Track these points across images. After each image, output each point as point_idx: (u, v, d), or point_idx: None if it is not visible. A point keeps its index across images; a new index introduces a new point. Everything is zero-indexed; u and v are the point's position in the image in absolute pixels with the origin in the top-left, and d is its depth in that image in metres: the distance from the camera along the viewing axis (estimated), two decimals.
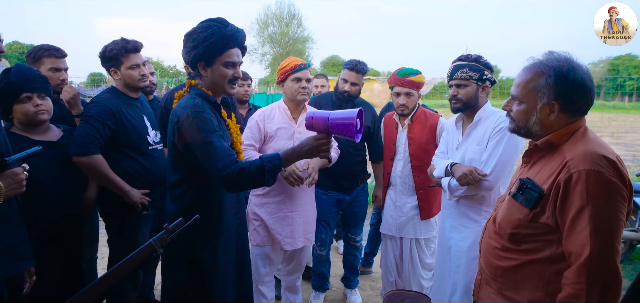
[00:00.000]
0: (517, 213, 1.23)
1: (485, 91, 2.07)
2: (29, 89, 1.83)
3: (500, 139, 1.90)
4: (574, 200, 1.09)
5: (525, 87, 1.25)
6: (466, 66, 2.03)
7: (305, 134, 2.48)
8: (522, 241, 1.22)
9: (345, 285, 3.11)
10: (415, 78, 2.58)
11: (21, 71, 1.85)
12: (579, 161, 1.11)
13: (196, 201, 1.63)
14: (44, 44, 2.28)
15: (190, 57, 1.62)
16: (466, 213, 1.98)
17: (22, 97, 1.82)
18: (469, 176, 1.89)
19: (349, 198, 2.83)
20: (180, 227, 1.29)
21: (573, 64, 1.20)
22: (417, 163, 2.60)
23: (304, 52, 35.35)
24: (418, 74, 2.61)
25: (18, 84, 1.81)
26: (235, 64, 1.68)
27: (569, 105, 1.20)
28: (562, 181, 1.12)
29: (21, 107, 1.83)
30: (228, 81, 1.66)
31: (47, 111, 1.90)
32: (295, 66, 2.41)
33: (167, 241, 1.25)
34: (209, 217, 1.64)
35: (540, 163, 1.26)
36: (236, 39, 1.65)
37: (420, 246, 2.69)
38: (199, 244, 1.64)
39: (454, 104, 2.07)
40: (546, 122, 1.23)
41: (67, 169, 1.96)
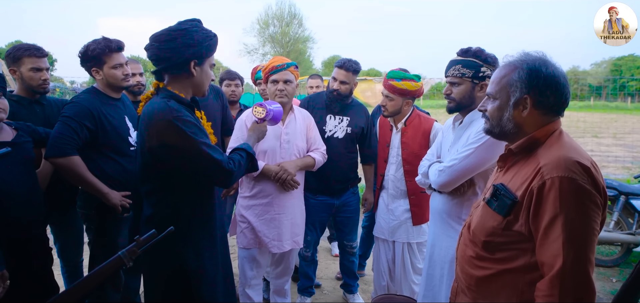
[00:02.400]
0: (490, 220, 1.18)
1: (484, 90, 1.84)
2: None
3: (475, 142, 1.77)
4: (547, 208, 1.05)
5: (499, 82, 1.23)
6: (460, 62, 1.87)
7: (292, 135, 2.47)
8: (496, 249, 1.18)
9: (346, 291, 3.07)
10: (397, 84, 2.49)
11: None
12: (552, 168, 1.07)
13: (178, 206, 1.59)
14: (23, 43, 2.25)
15: (180, 55, 1.54)
16: (447, 221, 1.92)
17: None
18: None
19: (338, 202, 2.79)
20: (152, 240, 1.25)
21: (546, 60, 1.18)
22: (409, 168, 2.56)
23: (305, 52, 35.33)
24: (404, 80, 2.49)
25: None
26: (213, 65, 1.71)
27: (541, 100, 1.16)
28: (535, 188, 1.08)
29: None
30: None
31: (4, 110, 1.83)
32: (272, 67, 2.38)
33: (137, 254, 1.21)
34: (191, 220, 1.61)
35: (514, 168, 1.21)
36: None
37: (412, 251, 2.65)
38: (183, 249, 1.60)
39: (448, 104, 1.95)
40: (519, 119, 1.19)
41: (26, 170, 1.88)
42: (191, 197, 1.61)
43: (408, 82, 2.50)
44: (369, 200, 2.82)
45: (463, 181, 1.84)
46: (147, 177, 1.58)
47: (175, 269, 1.59)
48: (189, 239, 1.61)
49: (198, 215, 1.64)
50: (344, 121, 2.74)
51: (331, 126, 2.73)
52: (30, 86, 2.23)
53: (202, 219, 1.66)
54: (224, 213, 1.78)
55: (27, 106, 2.27)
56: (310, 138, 2.53)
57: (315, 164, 2.48)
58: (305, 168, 2.47)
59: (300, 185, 2.47)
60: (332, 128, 2.73)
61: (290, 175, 2.33)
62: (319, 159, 2.50)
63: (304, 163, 2.43)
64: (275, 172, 2.31)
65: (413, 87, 2.52)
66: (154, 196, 1.59)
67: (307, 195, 2.69)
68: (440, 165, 1.91)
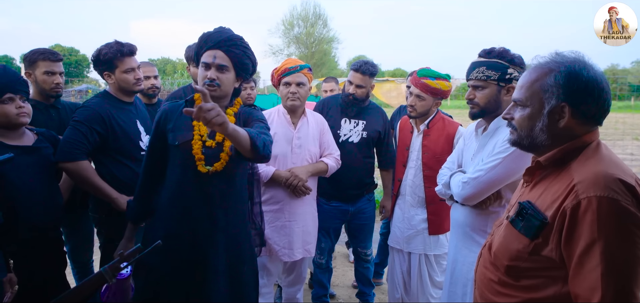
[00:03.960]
0: (515, 242, 1.04)
1: (510, 94, 1.70)
2: (13, 90, 1.79)
3: (503, 151, 1.62)
4: (582, 232, 0.90)
5: (530, 87, 1.06)
6: (483, 64, 1.72)
7: (304, 139, 2.38)
8: (522, 276, 1.03)
9: (362, 300, 2.96)
10: (431, 82, 2.35)
11: (6, 71, 1.82)
12: (589, 185, 0.92)
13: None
14: (40, 47, 2.28)
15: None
16: (470, 235, 1.76)
17: (5, 98, 1.77)
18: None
19: (353, 209, 2.67)
20: (136, 255, 1.18)
21: (586, 62, 1.01)
22: (429, 174, 2.40)
23: (330, 53, 35.27)
24: (438, 79, 2.36)
25: (2, 84, 1.77)
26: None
27: (581, 109, 1.00)
28: (568, 209, 0.93)
29: (2, 108, 1.78)
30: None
31: (28, 115, 1.85)
32: (285, 69, 2.29)
33: (120, 270, 1.15)
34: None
35: (543, 183, 1.06)
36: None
37: (430, 263, 2.49)
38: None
39: (471, 109, 1.79)
40: (554, 130, 1.03)
41: (44, 174, 1.90)
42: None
43: (442, 81, 2.38)
44: (387, 207, 2.69)
45: (489, 194, 1.69)
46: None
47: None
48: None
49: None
50: (360, 124, 2.63)
51: (346, 130, 2.62)
52: (43, 89, 2.26)
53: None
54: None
55: (43, 111, 2.30)
56: (324, 142, 2.43)
57: (328, 170, 2.38)
58: (318, 173, 2.37)
59: (313, 191, 2.37)
60: (347, 132, 2.62)
61: (302, 181, 2.24)
62: (332, 165, 2.39)
63: (316, 169, 2.34)
64: (285, 178, 2.23)
65: (446, 87, 2.40)
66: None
67: (320, 200, 2.59)
68: (464, 176, 1.76)
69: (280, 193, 2.27)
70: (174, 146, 1.63)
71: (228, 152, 1.63)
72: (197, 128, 1.63)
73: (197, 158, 1.60)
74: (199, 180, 1.61)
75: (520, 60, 1.71)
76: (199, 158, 1.60)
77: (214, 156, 1.63)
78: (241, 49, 1.65)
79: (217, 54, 1.61)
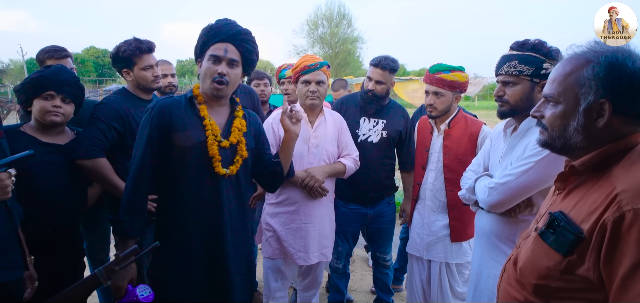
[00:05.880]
0: (545, 258, 0.92)
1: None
2: (56, 89, 1.82)
3: (535, 154, 1.48)
4: (626, 250, 0.78)
5: (563, 81, 0.94)
6: (515, 58, 1.56)
7: (322, 138, 2.31)
8: (552, 296, 0.91)
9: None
10: (447, 76, 2.24)
11: (59, 71, 1.86)
12: (635, 195, 0.79)
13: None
14: (48, 45, 2.33)
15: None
16: (496, 244, 1.63)
17: (45, 94, 1.81)
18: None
19: (371, 212, 2.58)
20: (132, 257, 1.15)
21: (632, 51, 0.88)
22: (451, 176, 2.28)
23: (354, 53, 35.06)
24: (454, 72, 2.25)
25: (48, 80, 1.81)
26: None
27: (625, 107, 0.87)
28: (609, 222, 0.81)
29: (39, 102, 1.81)
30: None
31: (63, 115, 1.86)
32: (304, 67, 2.21)
33: (115, 271, 1.12)
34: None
35: (578, 191, 0.93)
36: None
37: (451, 272, 2.36)
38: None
39: (500, 108, 1.65)
40: (592, 130, 0.91)
41: (71, 173, 1.91)
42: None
43: (457, 73, 2.26)
44: (407, 211, 2.58)
45: (519, 201, 1.55)
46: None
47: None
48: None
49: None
50: (379, 124, 2.53)
51: (365, 130, 2.53)
52: None
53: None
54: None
55: None
56: (342, 142, 2.35)
57: (346, 171, 2.30)
58: (335, 174, 2.30)
59: (330, 193, 2.30)
60: (366, 132, 2.52)
61: (318, 182, 2.17)
62: (350, 165, 2.31)
63: (333, 170, 2.26)
64: (301, 178, 2.16)
65: (463, 78, 2.28)
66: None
67: (338, 202, 2.51)
68: (490, 181, 1.63)
69: (296, 194, 2.21)
70: (184, 148, 1.55)
71: (243, 154, 1.63)
72: (209, 128, 1.59)
73: (215, 159, 1.56)
74: (216, 182, 1.58)
75: (557, 53, 1.54)
76: (217, 159, 1.56)
77: (229, 157, 1.61)
78: (251, 45, 1.60)
79: (228, 47, 1.56)
